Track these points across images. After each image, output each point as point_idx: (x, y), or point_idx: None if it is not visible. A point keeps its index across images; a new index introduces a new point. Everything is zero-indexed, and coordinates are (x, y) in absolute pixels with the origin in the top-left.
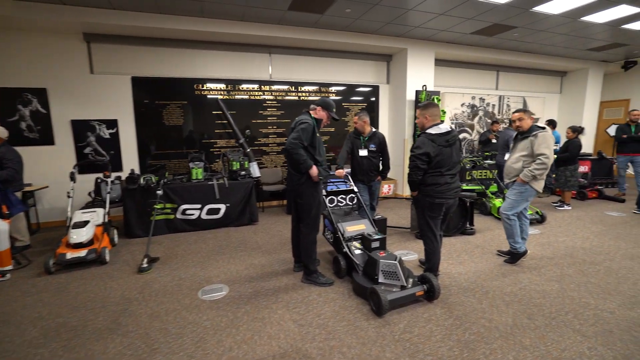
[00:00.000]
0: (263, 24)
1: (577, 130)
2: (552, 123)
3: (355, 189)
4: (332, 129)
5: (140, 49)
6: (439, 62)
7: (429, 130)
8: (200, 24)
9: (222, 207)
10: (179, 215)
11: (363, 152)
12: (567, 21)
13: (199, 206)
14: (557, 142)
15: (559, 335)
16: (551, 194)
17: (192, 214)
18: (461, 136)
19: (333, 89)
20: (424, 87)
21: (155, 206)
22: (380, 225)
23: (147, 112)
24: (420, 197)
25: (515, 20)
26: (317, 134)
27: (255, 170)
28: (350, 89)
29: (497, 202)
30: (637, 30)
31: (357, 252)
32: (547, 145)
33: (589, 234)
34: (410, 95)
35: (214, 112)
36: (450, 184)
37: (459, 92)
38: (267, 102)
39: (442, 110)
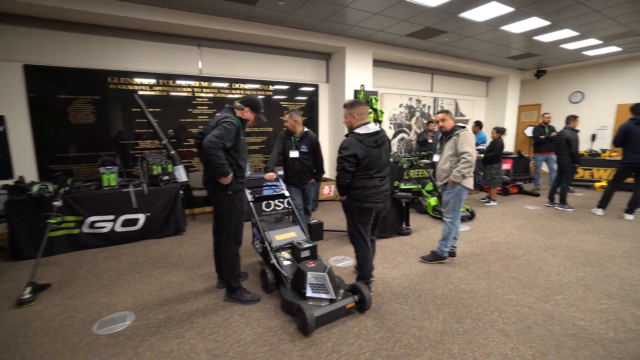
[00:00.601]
0: (189, 12)
1: (500, 131)
2: (478, 124)
3: (287, 193)
4: (270, 129)
5: (37, 32)
6: (378, 63)
7: (357, 130)
8: (113, 6)
9: (141, 217)
10: (85, 229)
11: (294, 154)
12: (490, 29)
13: (111, 217)
14: (483, 142)
15: (485, 338)
16: (480, 190)
17: (103, 227)
18: (399, 136)
19: (272, 87)
20: (362, 87)
21: (50, 220)
22: (316, 230)
23: (47, 108)
24: (349, 201)
25: (445, 25)
26: (242, 136)
27: (181, 174)
28: (290, 87)
29: (432, 200)
30: (546, 42)
31: (286, 263)
32: (469, 144)
33: (512, 229)
34: (349, 95)
35: (133, 110)
36: (380, 186)
37: (397, 93)
38: (198, 99)
39: (381, 111)
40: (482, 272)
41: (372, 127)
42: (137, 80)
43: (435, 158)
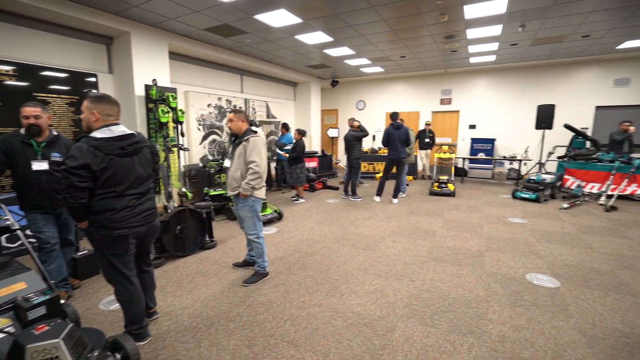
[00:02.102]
0: None
1: (302, 133)
2: (285, 126)
3: (15, 225)
4: None
5: None
6: (179, 58)
7: (95, 134)
8: None
9: None
10: None
11: (39, 165)
12: (287, 36)
13: None
14: (291, 142)
15: (275, 357)
16: (291, 188)
17: None
18: (210, 138)
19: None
20: (154, 82)
21: None
22: (84, 265)
23: None
24: (92, 230)
25: (244, 25)
26: None
27: None
28: (52, 73)
29: None
30: (334, 56)
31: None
32: (257, 152)
33: (313, 224)
34: (140, 90)
35: None
36: (135, 206)
37: (205, 92)
38: None
39: (181, 110)
40: (282, 277)
41: (118, 130)
42: None
43: (226, 163)
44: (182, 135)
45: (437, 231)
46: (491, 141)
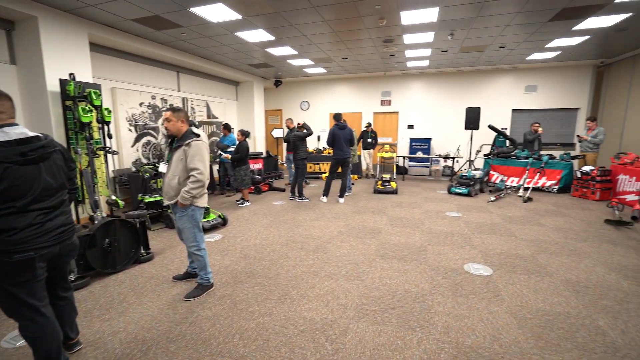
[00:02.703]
0: None
1: (245, 134)
2: (226, 127)
3: None
4: None
5: None
6: (105, 50)
7: None
8: None
9: None
10: None
11: None
12: (226, 33)
13: None
14: (234, 144)
15: None
16: (236, 192)
17: None
18: (144, 140)
19: None
20: (72, 76)
21: None
22: None
23: None
24: None
25: (178, 18)
26: None
27: None
28: None
29: None
30: (276, 55)
31: None
32: (200, 158)
33: (260, 228)
34: (53, 86)
35: None
36: (44, 223)
37: (136, 90)
38: None
39: (107, 109)
40: (228, 287)
41: (15, 132)
42: None
43: (162, 168)
44: (110, 137)
45: (382, 229)
46: (427, 141)
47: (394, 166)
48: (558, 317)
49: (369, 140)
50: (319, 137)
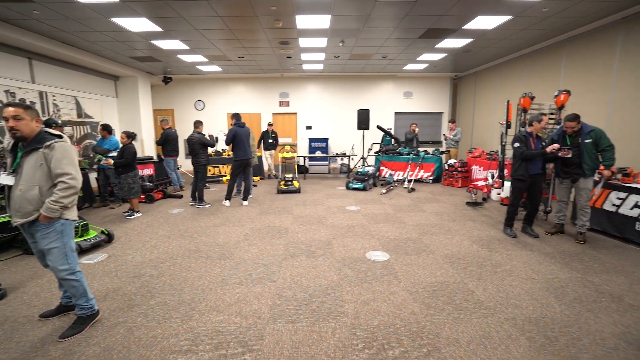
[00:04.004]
0: None
1: (131, 136)
2: (106, 128)
3: None
4: None
5: None
6: None
7: None
8: None
9: None
10: None
11: None
12: (99, 17)
13: None
14: (117, 148)
15: None
16: (123, 202)
17: None
18: None
19: None
20: None
21: None
22: None
23: None
24: None
25: None
26: None
27: None
28: None
29: None
30: (165, 49)
31: None
32: (70, 161)
33: (157, 240)
34: None
35: None
36: None
37: None
38: None
39: None
40: (121, 313)
41: None
42: None
43: (5, 180)
44: None
45: (289, 228)
46: (325, 140)
47: (296, 166)
48: (441, 286)
49: (270, 141)
50: (216, 139)
